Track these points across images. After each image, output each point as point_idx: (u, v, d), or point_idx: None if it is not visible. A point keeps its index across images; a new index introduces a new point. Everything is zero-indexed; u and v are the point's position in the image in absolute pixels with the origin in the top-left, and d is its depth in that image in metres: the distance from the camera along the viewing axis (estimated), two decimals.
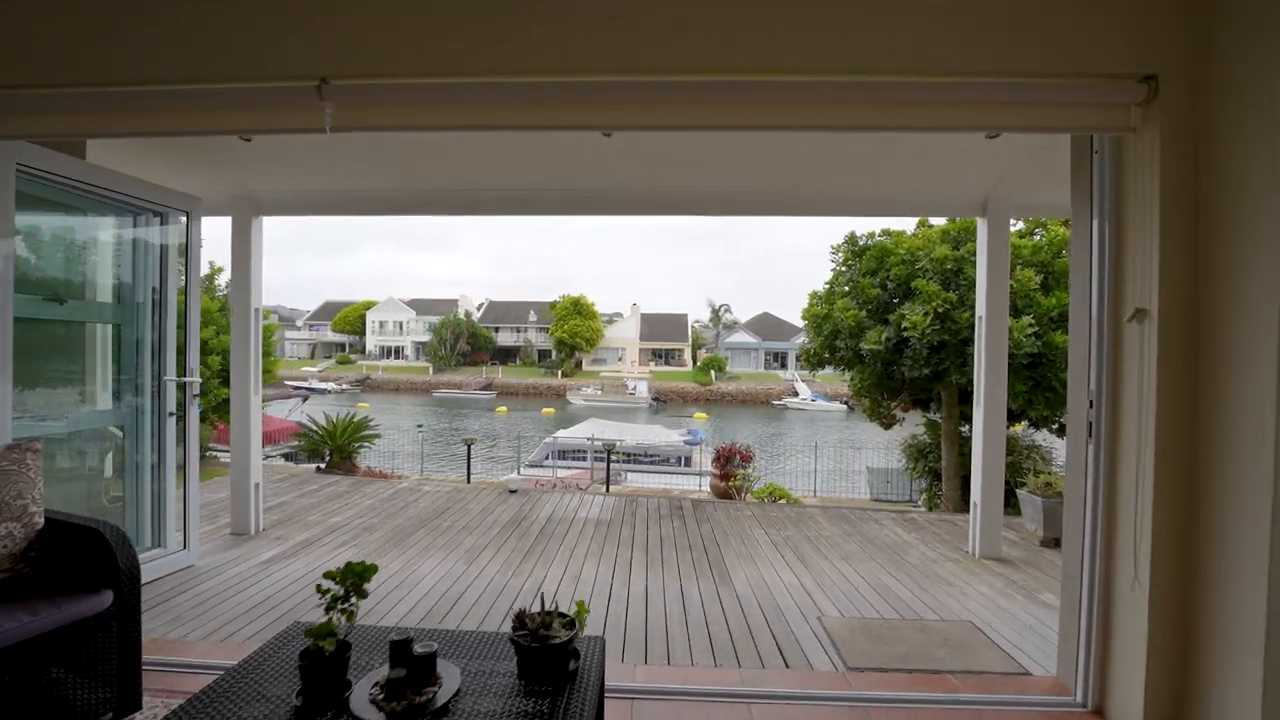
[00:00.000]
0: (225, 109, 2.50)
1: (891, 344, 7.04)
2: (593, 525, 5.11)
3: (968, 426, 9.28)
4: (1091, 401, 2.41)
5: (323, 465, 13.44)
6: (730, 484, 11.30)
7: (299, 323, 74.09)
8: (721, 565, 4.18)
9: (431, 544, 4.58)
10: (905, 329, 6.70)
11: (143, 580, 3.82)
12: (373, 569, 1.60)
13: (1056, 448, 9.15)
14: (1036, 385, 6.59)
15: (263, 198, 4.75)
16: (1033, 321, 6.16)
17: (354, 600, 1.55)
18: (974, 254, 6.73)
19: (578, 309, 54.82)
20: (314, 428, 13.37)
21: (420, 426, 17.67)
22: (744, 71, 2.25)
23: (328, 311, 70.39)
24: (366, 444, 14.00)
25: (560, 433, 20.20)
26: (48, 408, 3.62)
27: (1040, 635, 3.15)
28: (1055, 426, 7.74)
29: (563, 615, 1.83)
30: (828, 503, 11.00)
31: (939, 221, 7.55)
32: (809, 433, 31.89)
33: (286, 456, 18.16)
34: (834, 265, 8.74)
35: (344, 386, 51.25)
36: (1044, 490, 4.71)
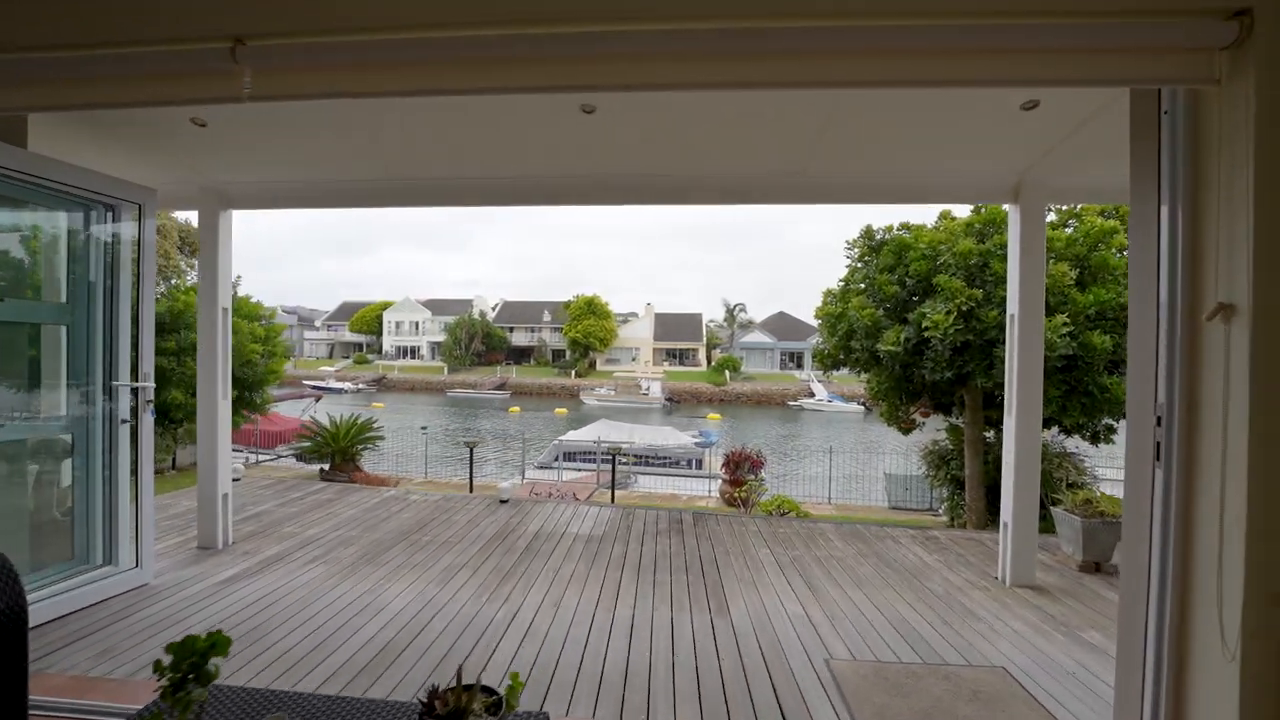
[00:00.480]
0: (132, 77, 2.16)
1: (911, 345, 6.56)
2: (583, 542, 4.73)
3: (993, 433, 8.74)
4: (1160, 418, 1.96)
5: (326, 468, 13.29)
6: (739, 492, 10.85)
7: (318, 323, 75.15)
8: (719, 591, 3.76)
9: (406, 561, 4.23)
10: (926, 329, 6.22)
11: (91, 601, 3.54)
12: (225, 643, 1.23)
13: (1090, 456, 8.56)
14: (1071, 390, 6.06)
15: (231, 190, 4.45)
16: (1068, 321, 5.64)
17: (194, 689, 1.18)
18: (1001, 247, 6.22)
19: (592, 309, 54.66)
20: (317, 430, 13.21)
21: (424, 428, 17.44)
22: (744, 18, 1.84)
23: (346, 312, 71.24)
24: (370, 446, 13.82)
25: (570, 434, 19.91)
26: None
27: (1086, 687, 2.69)
28: (1088, 434, 7.19)
29: (489, 691, 1.44)
30: (842, 511, 10.50)
31: (963, 213, 7.04)
32: (825, 434, 31.21)
33: (298, 457, 18.08)
34: (849, 262, 8.25)
35: (360, 386, 51.74)
36: (1083, 509, 4.22)
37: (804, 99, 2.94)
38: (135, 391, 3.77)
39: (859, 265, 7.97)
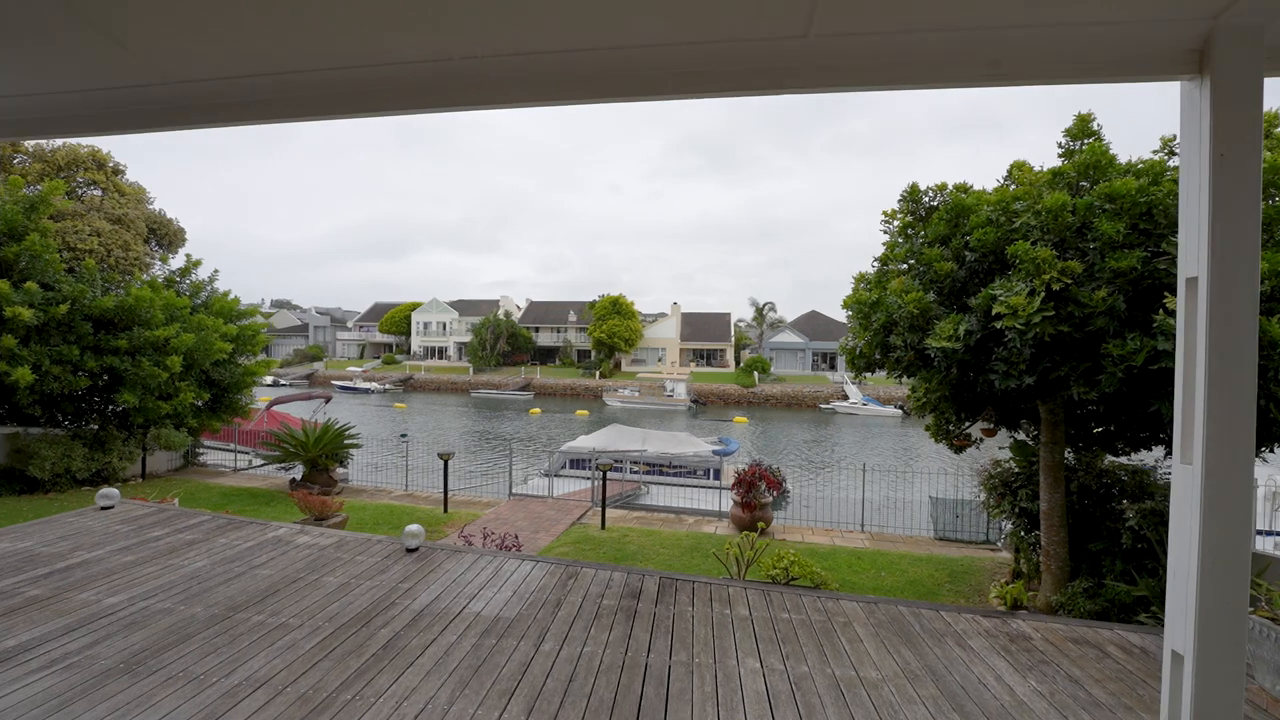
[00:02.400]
0: None
1: (974, 339, 4.78)
2: (480, 630, 3.15)
3: (1072, 454, 6.83)
4: None
5: (297, 478, 12.11)
6: (752, 518, 9.11)
7: (350, 324, 76.29)
8: None
9: (187, 670, 2.73)
10: (998, 317, 4.44)
11: None
12: None
13: None
14: None
15: None
16: None
17: None
18: (1110, 199, 4.38)
19: (616, 308, 53.35)
20: (285, 438, 12.03)
21: (404, 435, 16.18)
22: None
23: (377, 313, 71.93)
24: (343, 455, 12.57)
25: (580, 439, 18.44)
26: None
27: None
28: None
29: None
30: (878, 544, 8.64)
31: (1047, 156, 5.19)
32: (858, 438, 28.95)
33: (290, 464, 17.07)
34: (887, 235, 6.48)
35: (386, 386, 51.84)
36: None
37: None
38: None
39: (900, 240, 6.19)
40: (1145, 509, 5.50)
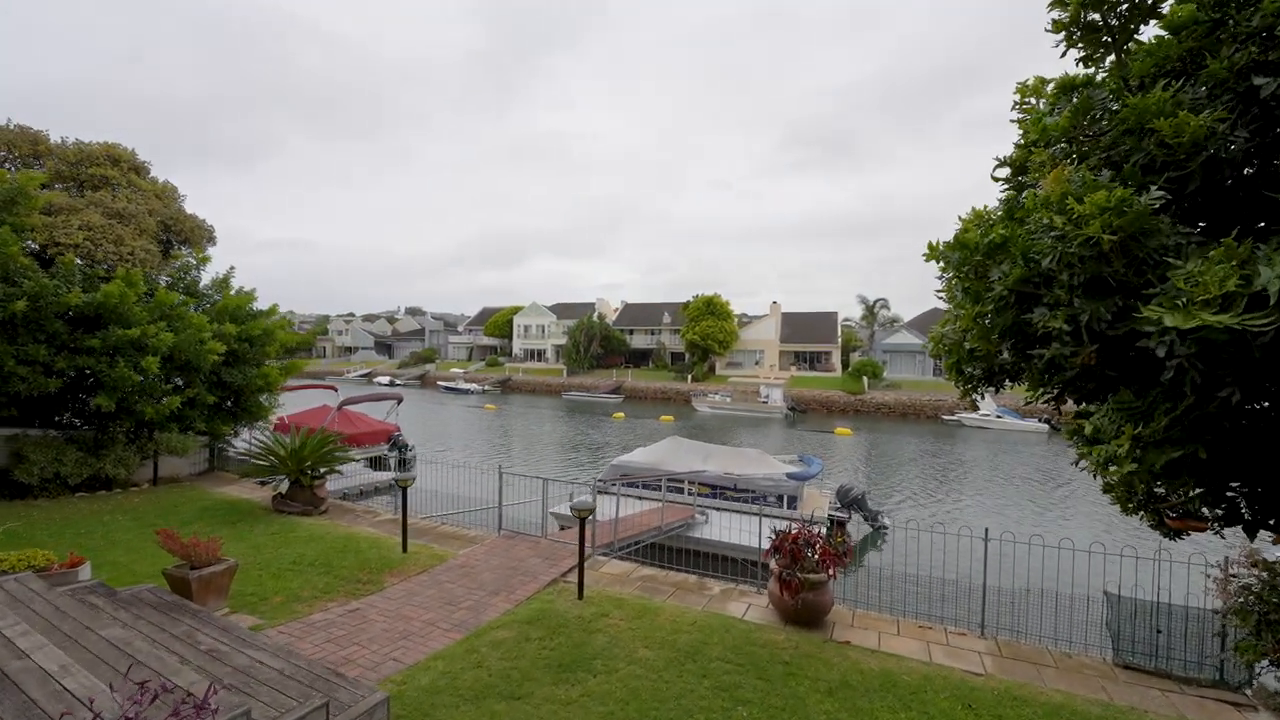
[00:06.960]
0: None
1: None
2: None
3: None
4: None
5: (282, 493, 10.72)
6: (797, 604, 5.94)
7: (460, 328, 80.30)
8: None
9: None
10: None
11: None
12: None
13: None
14: None
15: None
16: None
17: None
18: None
19: (710, 309, 50.22)
20: (268, 449, 10.66)
21: (390, 450, 14.46)
22: None
23: (484, 317, 74.80)
24: (333, 471, 11.00)
25: (637, 453, 15.80)
26: None
27: None
28: None
29: None
30: (1010, 672, 5.02)
31: None
32: (988, 456, 23.42)
33: (373, 463, 16.23)
34: (1023, 122, 3.24)
35: (486, 387, 53.04)
36: None
37: None
38: None
39: (1056, 106, 2.95)
40: None
